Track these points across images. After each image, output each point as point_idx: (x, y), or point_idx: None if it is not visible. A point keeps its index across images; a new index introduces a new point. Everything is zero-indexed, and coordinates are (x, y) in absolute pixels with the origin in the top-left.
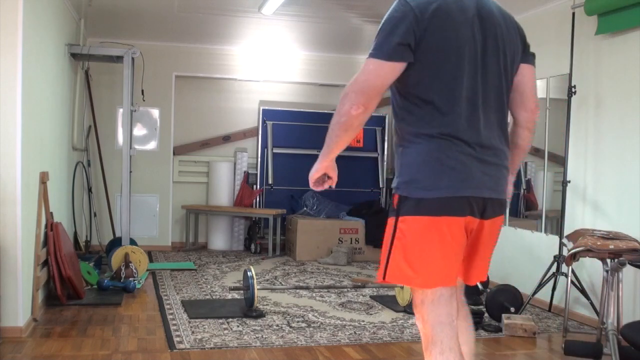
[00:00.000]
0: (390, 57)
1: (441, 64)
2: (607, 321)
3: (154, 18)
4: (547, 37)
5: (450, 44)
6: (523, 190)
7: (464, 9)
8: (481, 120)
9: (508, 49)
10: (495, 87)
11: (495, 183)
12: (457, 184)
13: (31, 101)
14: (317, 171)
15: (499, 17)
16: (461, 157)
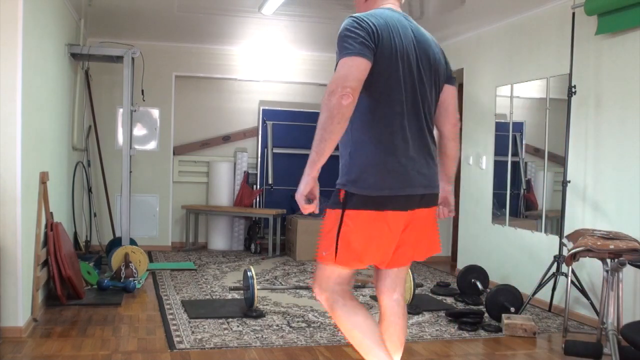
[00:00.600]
0: (362, 54)
1: (388, 75)
2: (607, 321)
3: (154, 18)
4: (547, 37)
5: (397, 59)
6: (523, 190)
7: (405, 32)
8: (418, 128)
9: (438, 69)
10: (428, 99)
11: (429, 180)
12: (397, 185)
13: (31, 101)
14: (307, 184)
15: (430, 41)
16: (401, 161)
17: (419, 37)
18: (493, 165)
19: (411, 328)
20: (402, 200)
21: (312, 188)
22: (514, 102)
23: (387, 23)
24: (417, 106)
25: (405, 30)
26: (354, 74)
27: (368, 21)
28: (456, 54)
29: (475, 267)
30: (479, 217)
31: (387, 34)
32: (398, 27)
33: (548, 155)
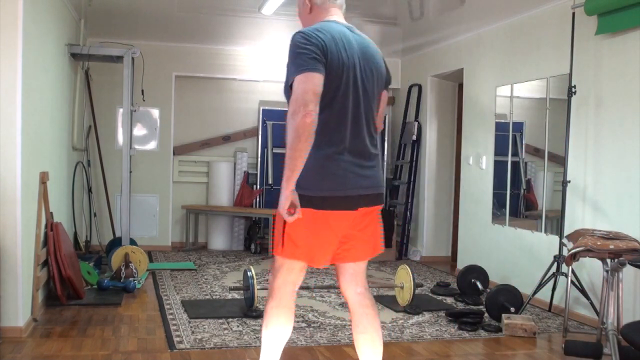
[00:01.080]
0: (315, 69)
1: (335, 86)
2: (607, 321)
3: (154, 18)
4: (547, 37)
5: (342, 70)
6: (523, 190)
7: (349, 43)
8: (361, 133)
9: (379, 78)
10: (370, 107)
11: (371, 182)
12: (337, 186)
13: (31, 101)
14: (286, 198)
15: (374, 51)
16: (342, 165)
17: (363, 48)
18: (493, 165)
19: (411, 328)
20: (343, 201)
21: (292, 201)
22: (514, 102)
23: (334, 37)
24: (359, 114)
25: (349, 43)
26: (311, 91)
27: (316, 36)
28: (456, 54)
29: (475, 267)
30: (479, 217)
31: (334, 48)
32: (343, 40)
33: (548, 155)
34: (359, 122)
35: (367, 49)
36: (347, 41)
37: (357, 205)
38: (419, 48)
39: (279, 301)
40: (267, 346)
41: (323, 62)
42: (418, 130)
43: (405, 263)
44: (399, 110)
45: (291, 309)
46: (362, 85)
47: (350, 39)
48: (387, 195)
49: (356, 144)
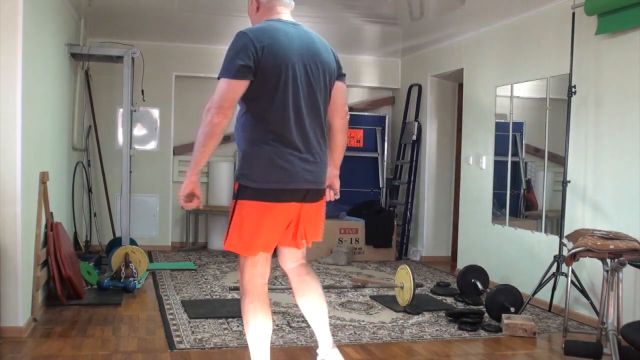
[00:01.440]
0: (236, 76)
1: (273, 83)
2: (607, 321)
3: (154, 18)
4: (547, 37)
5: (280, 68)
6: (523, 190)
7: (291, 41)
8: (305, 128)
9: (327, 71)
10: (316, 101)
11: (316, 177)
12: (284, 179)
13: (31, 101)
14: (186, 187)
15: (319, 46)
16: (288, 158)
17: (307, 44)
18: (493, 165)
19: (411, 328)
20: (288, 194)
21: (192, 189)
22: (514, 102)
23: (273, 36)
24: (305, 108)
25: (291, 40)
26: (227, 95)
27: (252, 37)
28: (456, 54)
29: (475, 267)
30: (479, 217)
31: (271, 48)
32: (285, 38)
33: (548, 155)
34: (301, 117)
35: (311, 45)
36: (288, 39)
37: (299, 198)
38: (419, 48)
39: (252, 296)
40: (253, 344)
41: (250, 67)
42: (418, 130)
43: (405, 263)
44: (399, 110)
45: (266, 302)
46: (306, 80)
47: (292, 36)
48: (387, 195)
49: (300, 139)
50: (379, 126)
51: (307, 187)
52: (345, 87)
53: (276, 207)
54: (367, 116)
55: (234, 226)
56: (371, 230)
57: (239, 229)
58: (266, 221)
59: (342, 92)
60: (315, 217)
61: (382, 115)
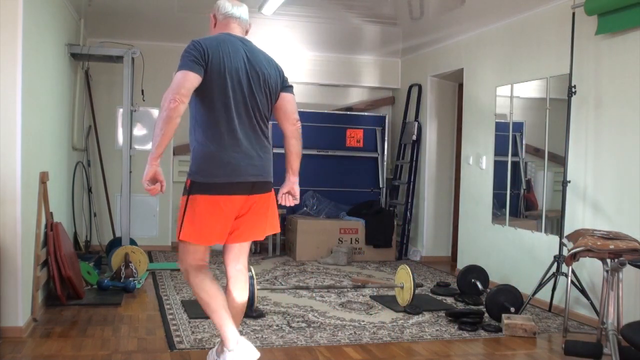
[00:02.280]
0: (192, 69)
1: (218, 88)
2: (607, 321)
3: (154, 18)
4: (547, 37)
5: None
6: (523, 190)
7: (236, 52)
8: (247, 128)
9: (268, 82)
10: (258, 105)
11: (260, 171)
12: (229, 174)
13: (31, 101)
14: (148, 172)
15: (262, 60)
16: (233, 155)
17: (251, 56)
18: (493, 165)
19: (411, 328)
20: (234, 187)
21: (154, 174)
22: (514, 102)
23: (220, 45)
24: (247, 111)
25: (237, 52)
26: (183, 84)
27: (202, 44)
28: (456, 54)
29: (475, 267)
30: (479, 217)
31: (217, 55)
32: (230, 49)
33: (548, 155)
34: (246, 118)
35: (255, 58)
36: (234, 50)
37: (246, 191)
38: (419, 48)
39: (195, 272)
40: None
41: (201, 65)
42: (418, 130)
43: (405, 263)
44: (399, 110)
45: (209, 275)
46: (248, 87)
47: (237, 48)
48: (387, 195)
49: (245, 138)
50: (379, 126)
51: (252, 180)
52: (292, 97)
53: (223, 199)
54: (367, 116)
55: (187, 218)
56: (371, 230)
57: (192, 220)
58: (215, 213)
59: (290, 101)
60: (268, 209)
61: (382, 115)
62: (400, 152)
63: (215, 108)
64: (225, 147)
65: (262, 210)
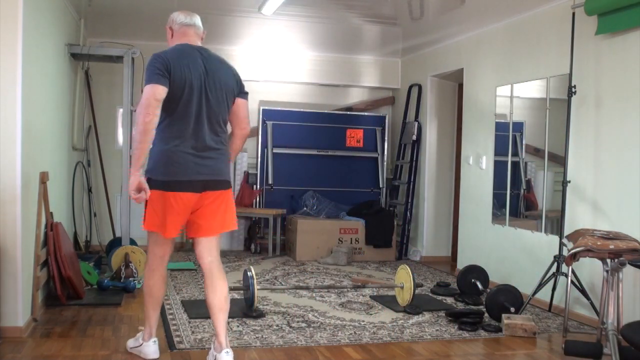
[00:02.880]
0: (158, 82)
1: (178, 96)
2: (607, 321)
3: (154, 18)
4: (547, 37)
5: (184, 83)
6: (523, 190)
7: (194, 61)
8: (202, 131)
9: (224, 88)
10: (214, 111)
11: (213, 170)
12: (180, 173)
13: (31, 101)
14: (132, 182)
15: (219, 68)
16: (184, 157)
17: (208, 65)
18: (493, 165)
19: (411, 328)
20: (185, 185)
21: (138, 183)
22: (514, 102)
23: (180, 56)
24: (203, 116)
25: (195, 62)
26: (153, 97)
27: (164, 57)
28: (456, 54)
29: (475, 267)
30: (479, 217)
31: (178, 66)
32: (189, 59)
33: (548, 155)
34: (200, 123)
35: (212, 66)
36: (192, 59)
37: (197, 189)
38: (419, 48)
39: (151, 266)
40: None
41: (166, 77)
42: (418, 130)
43: (405, 263)
44: (399, 110)
45: (161, 273)
46: (205, 94)
47: (195, 58)
48: (387, 195)
49: (197, 140)
50: (379, 126)
51: (203, 178)
52: (246, 103)
53: (175, 195)
54: (367, 116)
55: (148, 211)
56: (371, 230)
57: (152, 213)
58: (168, 207)
59: (243, 107)
60: (226, 206)
61: (382, 115)
62: (400, 152)
63: (173, 113)
64: (178, 149)
65: (217, 206)
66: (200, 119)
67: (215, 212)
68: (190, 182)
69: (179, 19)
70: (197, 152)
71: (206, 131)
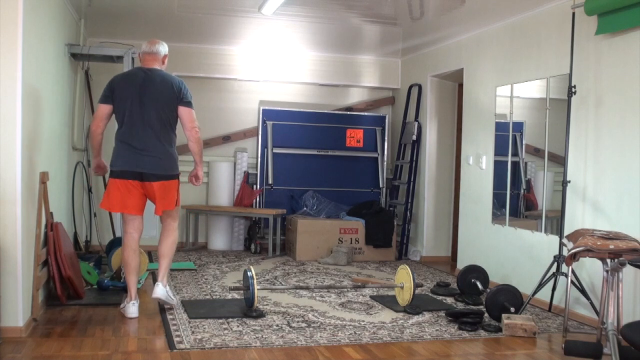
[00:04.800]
0: (103, 102)
1: (121, 107)
2: (607, 321)
3: (154, 18)
4: (547, 37)
5: (125, 97)
6: (523, 190)
7: (134, 81)
8: (140, 134)
9: (163, 98)
10: (150, 117)
11: (149, 164)
12: (123, 165)
13: (31, 101)
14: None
15: (157, 83)
16: (127, 153)
17: (146, 82)
18: (493, 165)
19: (411, 328)
20: (127, 174)
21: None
22: (514, 102)
23: (124, 78)
24: (140, 122)
25: (134, 80)
26: (98, 113)
27: (111, 81)
28: (456, 54)
29: (475, 267)
30: (479, 217)
31: (120, 86)
32: (130, 79)
33: (548, 155)
34: (138, 127)
35: (150, 82)
36: (132, 79)
37: (137, 178)
38: (419, 48)
39: (126, 242)
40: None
41: (109, 96)
42: (418, 130)
43: (405, 263)
44: (399, 110)
45: (131, 246)
46: (140, 105)
47: (136, 78)
48: (387, 195)
49: (136, 140)
50: (379, 126)
51: (140, 170)
52: (187, 110)
53: (119, 181)
54: (367, 116)
55: (106, 193)
56: (371, 230)
57: (108, 194)
58: (115, 190)
59: (183, 114)
60: (164, 192)
61: (382, 115)
62: (400, 152)
63: (121, 121)
64: (123, 146)
65: (160, 192)
66: (138, 124)
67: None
68: (131, 172)
69: (142, 48)
70: (136, 150)
71: (148, 133)
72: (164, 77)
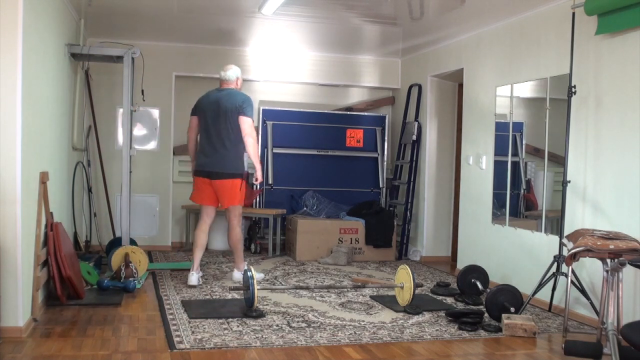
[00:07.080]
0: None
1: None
2: (607, 321)
3: (154, 18)
4: (547, 37)
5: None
6: (523, 190)
7: (210, 99)
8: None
9: (227, 112)
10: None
11: (216, 165)
12: (199, 166)
13: (31, 101)
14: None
15: (226, 100)
16: (202, 154)
17: (219, 99)
18: (493, 165)
19: (411, 328)
20: (201, 173)
21: None
22: (514, 102)
23: (204, 97)
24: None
25: (210, 99)
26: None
27: (198, 100)
28: (456, 54)
29: (475, 267)
30: (479, 217)
31: (201, 103)
32: (208, 99)
33: (548, 155)
34: (210, 134)
35: (221, 99)
36: (209, 98)
37: (207, 177)
38: (419, 48)
39: (198, 224)
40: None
41: (195, 111)
42: (418, 130)
43: (405, 263)
44: (399, 110)
45: (203, 230)
46: (214, 118)
47: (213, 96)
48: (387, 195)
49: (210, 146)
50: (379, 126)
51: (209, 169)
52: (244, 119)
53: (196, 179)
54: (367, 116)
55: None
56: (371, 230)
57: (194, 190)
58: (195, 185)
59: (241, 122)
60: (223, 190)
61: (382, 115)
62: (400, 152)
63: (201, 130)
64: (201, 151)
65: (220, 190)
66: (213, 133)
67: (220, 194)
68: (204, 171)
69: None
70: (208, 153)
71: (215, 140)
72: (231, 93)
